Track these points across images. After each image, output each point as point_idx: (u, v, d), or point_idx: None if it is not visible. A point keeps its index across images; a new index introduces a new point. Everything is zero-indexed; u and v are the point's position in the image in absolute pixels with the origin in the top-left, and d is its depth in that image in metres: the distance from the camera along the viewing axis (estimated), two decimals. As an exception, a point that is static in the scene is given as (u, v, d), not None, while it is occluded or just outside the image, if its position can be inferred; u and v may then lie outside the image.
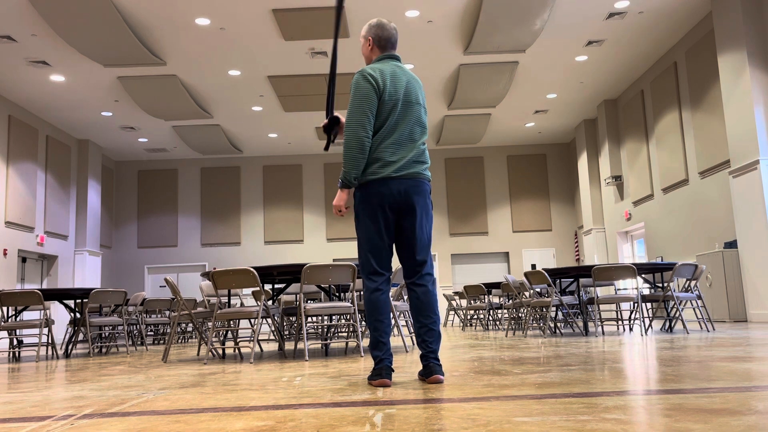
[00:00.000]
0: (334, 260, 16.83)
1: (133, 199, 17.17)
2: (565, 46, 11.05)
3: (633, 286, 11.89)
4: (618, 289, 9.63)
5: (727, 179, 9.76)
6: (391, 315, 3.14)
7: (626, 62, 11.94)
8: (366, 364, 4.22)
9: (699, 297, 6.99)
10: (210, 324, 6.77)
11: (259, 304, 5.05)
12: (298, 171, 17.20)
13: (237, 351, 6.58)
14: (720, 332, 6.30)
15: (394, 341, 7.31)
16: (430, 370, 2.91)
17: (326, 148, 3.36)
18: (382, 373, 2.87)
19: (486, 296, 10.81)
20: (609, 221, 14.55)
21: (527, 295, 8.97)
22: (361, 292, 6.94)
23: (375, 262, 3.00)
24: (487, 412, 2.04)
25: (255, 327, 5.00)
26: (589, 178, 15.05)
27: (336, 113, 3.20)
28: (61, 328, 13.82)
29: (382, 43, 3.15)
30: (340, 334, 8.86)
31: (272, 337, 10.91)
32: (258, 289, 5.08)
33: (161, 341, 10.32)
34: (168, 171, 17.21)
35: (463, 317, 11.60)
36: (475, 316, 11.98)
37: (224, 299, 9.25)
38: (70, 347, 8.47)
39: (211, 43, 10.39)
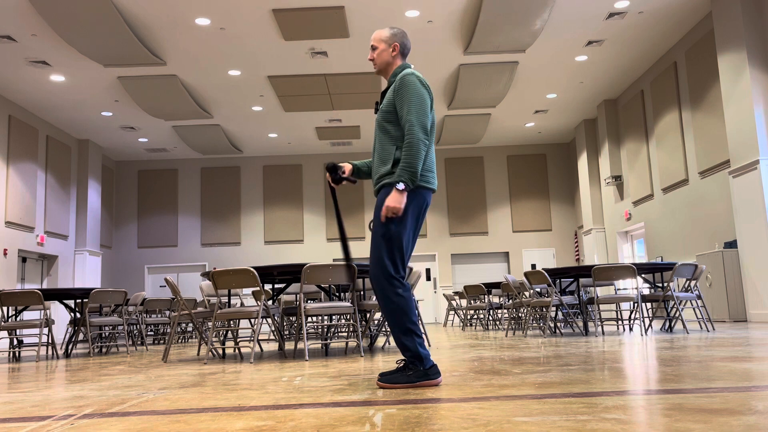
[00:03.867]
0: (334, 260, 16.83)
1: (133, 199, 17.17)
2: (565, 46, 11.05)
3: (633, 286, 11.90)
4: (618, 289, 9.63)
5: (727, 179, 9.76)
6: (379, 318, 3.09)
7: (626, 62, 11.94)
8: (366, 363, 4.21)
9: (699, 297, 6.99)
10: (210, 324, 6.77)
11: (259, 304, 5.05)
12: (298, 171, 17.20)
13: (237, 351, 6.58)
14: (720, 332, 6.30)
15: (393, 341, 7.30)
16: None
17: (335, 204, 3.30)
18: (438, 370, 2.89)
19: (486, 296, 10.81)
20: (609, 221, 14.55)
21: (527, 295, 8.97)
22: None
23: (402, 264, 2.95)
24: (487, 412, 2.04)
25: (255, 327, 5.00)
26: (589, 178, 15.05)
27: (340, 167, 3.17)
28: (61, 328, 13.82)
29: (406, 53, 3.14)
30: (340, 334, 8.86)
31: (272, 337, 10.91)
32: (258, 289, 5.08)
33: (161, 341, 10.32)
34: (168, 171, 17.21)
35: (463, 317, 11.60)
36: (475, 316, 11.98)
37: (224, 299, 9.25)
38: (70, 347, 8.47)
39: (211, 43, 10.39)
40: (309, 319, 8.24)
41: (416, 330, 2.87)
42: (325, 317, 7.35)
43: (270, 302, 6.30)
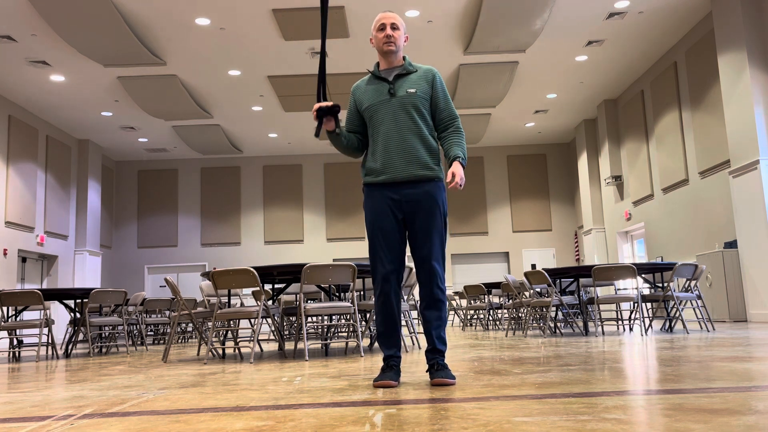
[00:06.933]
0: (334, 260, 16.83)
1: (133, 199, 17.17)
2: (565, 46, 11.05)
3: (633, 286, 11.89)
4: (618, 289, 9.63)
5: (727, 179, 9.76)
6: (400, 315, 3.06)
7: (626, 62, 11.94)
8: (366, 363, 4.21)
9: (699, 297, 6.99)
10: (210, 324, 6.77)
11: (259, 304, 5.05)
12: (298, 171, 17.20)
13: (237, 351, 6.58)
14: (720, 332, 6.30)
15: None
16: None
17: (317, 134, 3.05)
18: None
19: (486, 296, 10.81)
20: (609, 221, 14.55)
21: (527, 295, 8.98)
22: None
23: None
24: (487, 412, 2.04)
25: (255, 327, 5.00)
26: (589, 178, 15.05)
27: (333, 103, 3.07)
28: (61, 328, 13.82)
29: None
30: (340, 334, 8.86)
31: (272, 337, 10.91)
32: (258, 289, 5.08)
33: (161, 341, 10.32)
34: (168, 171, 17.21)
35: (463, 317, 11.60)
36: (475, 316, 11.98)
37: (224, 299, 9.25)
38: (70, 347, 8.47)
39: (211, 43, 10.39)
40: (309, 319, 8.24)
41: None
42: (325, 317, 7.35)
43: (270, 302, 6.30)
